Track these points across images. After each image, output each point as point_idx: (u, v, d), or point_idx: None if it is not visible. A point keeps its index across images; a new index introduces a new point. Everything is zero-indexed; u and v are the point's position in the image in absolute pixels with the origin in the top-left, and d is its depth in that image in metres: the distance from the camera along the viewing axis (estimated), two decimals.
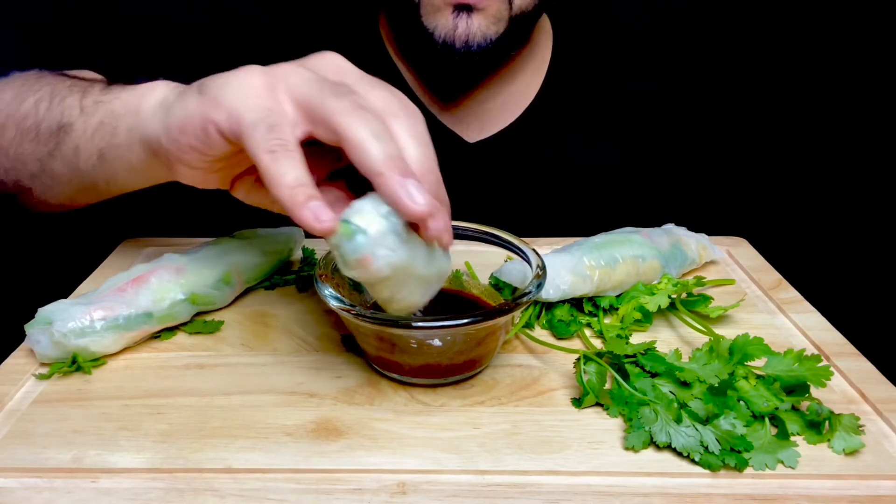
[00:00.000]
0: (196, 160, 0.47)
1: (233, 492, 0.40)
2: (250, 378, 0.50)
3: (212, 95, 0.44)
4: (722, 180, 0.94)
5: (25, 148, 0.61)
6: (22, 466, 0.41)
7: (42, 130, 0.60)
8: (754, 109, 1.04)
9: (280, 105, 0.43)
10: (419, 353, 0.47)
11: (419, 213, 0.40)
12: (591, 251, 0.57)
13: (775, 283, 0.62)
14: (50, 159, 0.60)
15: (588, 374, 0.47)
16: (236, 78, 0.44)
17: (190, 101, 0.46)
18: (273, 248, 0.63)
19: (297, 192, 0.40)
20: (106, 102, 0.56)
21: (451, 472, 0.41)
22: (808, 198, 1.05)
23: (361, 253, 0.40)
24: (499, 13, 0.72)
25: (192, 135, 0.45)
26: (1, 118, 0.63)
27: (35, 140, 0.60)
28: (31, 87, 0.64)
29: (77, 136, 0.57)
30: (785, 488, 0.40)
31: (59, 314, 0.50)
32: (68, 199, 0.65)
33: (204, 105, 0.44)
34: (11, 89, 0.65)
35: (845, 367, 0.50)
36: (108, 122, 0.55)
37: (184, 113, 0.46)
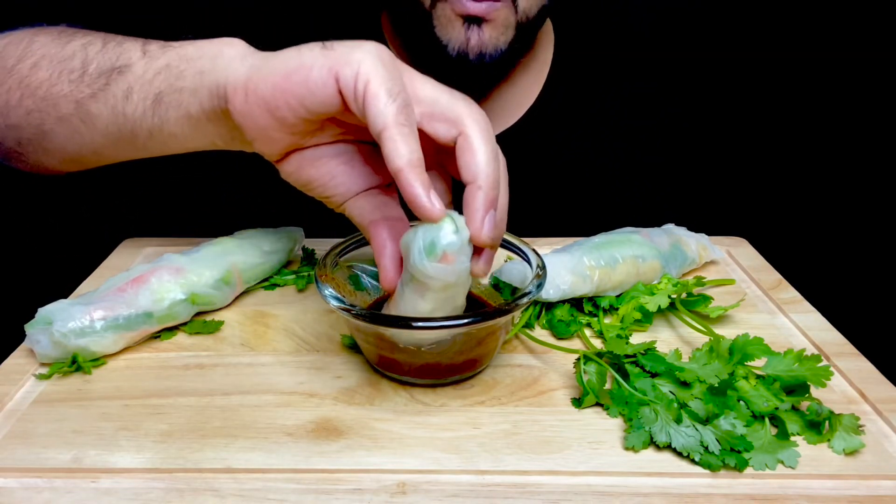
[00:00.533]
0: (282, 112, 0.46)
1: (233, 492, 0.40)
2: (250, 378, 0.50)
3: (342, 52, 0.44)
4: (722, 180, 0.94)
5: (61, 88, 0.60)
6: (22, 466, 0.41)
7: (90, 71, 0.58)
8: (754, 110, 1.04)
9: (406, 89, 0.44)
10: (419, 353, 0.47)
11: (490, 241, 0.43)
12: (591, 251, 0.57)
13: (775, 283, 0.62)
14: (91, 101, 0.58)
15: (588, 374, 0.47)
16: (368, 46, 0.45)
17: (309, 53, 0.45)
18: (273, 248, 0.63)
19: (419, 170, 0.42)
20: (176, 47, 0.55)
21: (451, 472, 0.41)
22: (808, 198, 1.05)
23: (450, 250, 0.42)
24: (507, 21, 0.72)
25: (303, 83, 0.44)
26: (35, 57, 0.62)
27: (78, 80, 0.59)
28: (74, 33, 0.63)
29: (133, 77, 0.56)
30: (785, 488, 0.40)
31: (59, 314, 0.50)
32: (91, 152, 0.63)
33: (331, 58, 0.44)
34: (47, 35, 0.64)
35: (845, 367, 0.50)
36: (176, 64, 0.54)
37: (299, 61, 0.45)
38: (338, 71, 0.44)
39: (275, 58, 0.47)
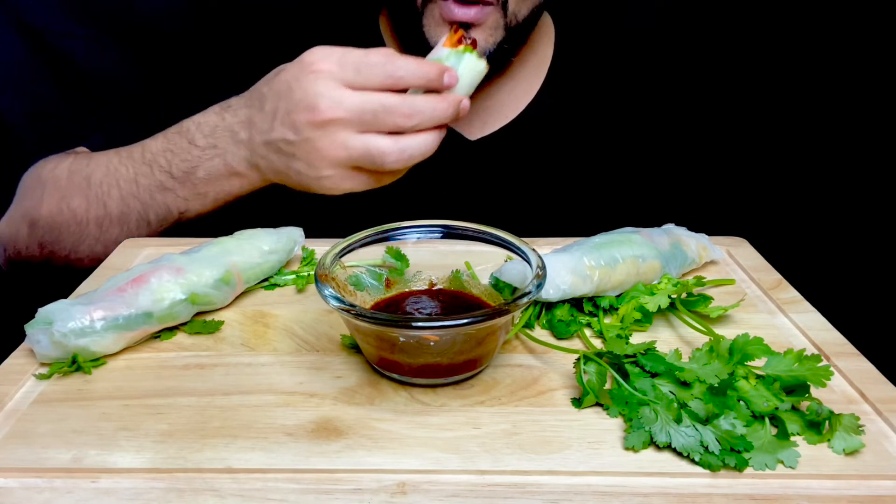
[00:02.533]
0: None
1: (233, 492, 0.40)
2: (250, 378, 0.50)
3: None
4: (722, 180, 0.94)
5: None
6: (22, 466, 0.41)
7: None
8: (754, 110, 1.04)
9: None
10: (419, 353, 0.47)
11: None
12: (591, 251, 0.57)
13: (775, 283, 0.62)
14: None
15: (588, 374, 0.47)
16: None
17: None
18: (273, 248, 0.63)
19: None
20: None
21: (451, 472, 0.41)
22: (808, 198, 1.05)
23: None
24: (495, 24, 0.73)
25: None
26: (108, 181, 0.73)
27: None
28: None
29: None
30: (785, 488, 0.40)
31: (59, 314, 0.50)
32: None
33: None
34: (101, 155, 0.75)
35: (845, 367, 0.50)
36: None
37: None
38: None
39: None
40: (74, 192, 0.74)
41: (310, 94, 0.60)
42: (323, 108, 0.59)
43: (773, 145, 1.05)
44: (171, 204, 0.72)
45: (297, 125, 0.61)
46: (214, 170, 0.69)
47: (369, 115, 0.59)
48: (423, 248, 0.56)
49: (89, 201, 0.73)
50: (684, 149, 0.89)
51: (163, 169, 0.70)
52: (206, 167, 0.69)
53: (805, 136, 1.04)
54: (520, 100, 0.85)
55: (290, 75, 0.62)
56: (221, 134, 0.68)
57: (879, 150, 1.02)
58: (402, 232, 0.56)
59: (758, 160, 1.03)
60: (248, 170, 0.68)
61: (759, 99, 1.04)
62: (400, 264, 0.56)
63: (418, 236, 0.56)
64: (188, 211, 0.72)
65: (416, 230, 0.56)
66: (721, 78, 1.01)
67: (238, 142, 0.67)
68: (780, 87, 1.04)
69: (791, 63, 1.03)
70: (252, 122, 0.66)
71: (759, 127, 1.03)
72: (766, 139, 1.04)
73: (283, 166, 0.64)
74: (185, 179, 0.70)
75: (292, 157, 0.63)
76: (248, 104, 0.67)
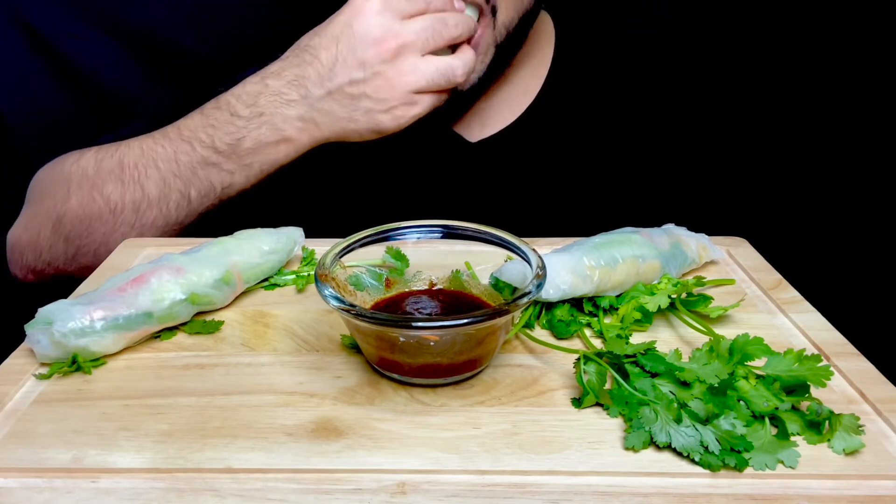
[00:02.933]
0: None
1: (233, 492, 0.40)
2: (250, 378, 0.50)
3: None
4: (722, 180, 0.94)
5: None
6: (22, 466, 0.41)
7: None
8: (754, 110, 1.04)
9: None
10: (419, 353, 0.47)
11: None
12: (591, 251, 0.57)
13: (775, 283, 0.62)
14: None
15: (588, 374, 0.47)
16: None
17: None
18: (273, 248, 0.63)
19: None
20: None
21: (451, 472, 0.41)
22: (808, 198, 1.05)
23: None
24: (486, 46, 0.74)
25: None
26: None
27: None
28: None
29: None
30: (785, 488, 0.40)
31: (59, 314, 0.50)
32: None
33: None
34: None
35: (845, 367, 0.50)
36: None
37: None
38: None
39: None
40: (106, 178, 0.72)
41: (372, 28, 0.63)
42: (389, 38, 0.63)
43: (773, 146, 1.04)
44: (214, 179, 0.71)
45: (364, 61, 0.64)
46: (262, 137, 0.69)
47: (430, 33, 0.64)
48: (423, 248, 0.56)
49: (125, 185, 0.72)
50: (684, 149, 0.89)
51: (205, 144, 0.70)
52: (252, 136, 0.69)
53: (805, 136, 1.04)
54: (519, 102, 0.85)
55: (344, 19, 0.65)
56: (267, 100, 0.68)
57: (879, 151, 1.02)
58: (402, 232, 0.56)
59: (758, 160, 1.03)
60: (299, 132, 0.68)
61: (758, 99, 1.04)
62: (400, 264, 0.56)
63: (418, 236, 0.56)
64: (232, 185, 0.72)
65: (416, 230, 0.56)
66: (720, 78, 1.01)
67: (288, 102, 0.67)
68: (779, 86, 1.03)
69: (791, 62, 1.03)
70: (304, 78, 0.67)
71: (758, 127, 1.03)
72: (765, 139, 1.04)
73: (346, 113, 0.66)
74: (231, 152, 0.69)
75: (360, 97, 0.65)
76: (293, 63, 0.68)
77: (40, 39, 1.00)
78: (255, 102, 0.68)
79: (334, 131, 0.68)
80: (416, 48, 0.64)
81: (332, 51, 0.65)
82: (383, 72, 0.64)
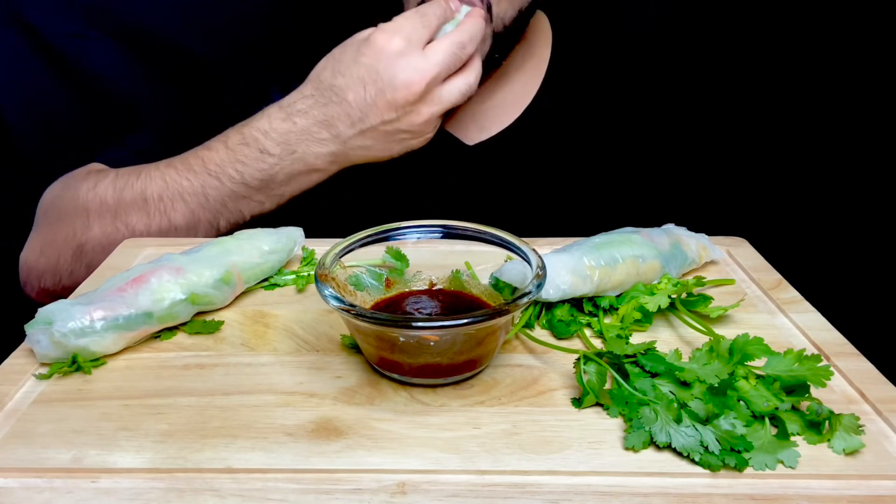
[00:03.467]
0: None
1: (233, 492, 0.40)
2: (250, 378, 0.50)
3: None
4: (722, 180, 0.94)
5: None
6: (22, 466, 0.41)
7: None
8: (754, 110, 1.04)
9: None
10: (419, 353, 0.47)
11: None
12: (591, 251, 0.57)
13: (775, 283, 0.62)
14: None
15: (588, 374, 0.47)
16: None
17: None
18: (273, 248, 0.63)
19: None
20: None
21: (451, 472, 0.41)
22: (808, 198, 1.05)
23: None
24: (485, 35, 0.73)
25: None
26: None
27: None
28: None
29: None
30: (785, 488, 0.40)
31: (59, 314, 0.50)
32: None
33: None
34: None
35: (845, 367, 0.50)
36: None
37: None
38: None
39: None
40: (129, 209, 0.73)
41: (399, 71, 0.65)
42: (418, 80, 0.65)
43: (773, 145, 1.04)
44: (244, 209, 0.73)
45: (395, 104, 0.66)
46: (294, 171, 0.71)
47: (452, 61, 0.67)
48: (423, 248, 0.56)
49: (150, 217, 0.73)
50: (684, 149, 0.89)
51: (235, 180, 0.71)
52: (285, 171, 0.71)
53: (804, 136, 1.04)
54: (517, 104, 0.85)
55: (369, 62, 0.66)
56: (297, 139, 0.69)
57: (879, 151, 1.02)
58: (402, 232, 0.56)
59: (758, 160, 1.03)
60: (330, 164, 0.71)
61: (758, 99, 1.04)
62: (400, 264, 0.56)
63: (418, 236, 0.56)
64: (263, 212, 0.74)
65: (416, 230, 0.56)
66: (720, 78, 1.01)
67: (320, 141, 0.69)
68: (779, 86, 1.03)
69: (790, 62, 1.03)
70: (334, 118, 0.68)
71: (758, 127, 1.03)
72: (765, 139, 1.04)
73: (381, 146, 0.69)
74: (263, 186, 0.71)
75: (394, 133, 0.68)
76: (319, 102, 0.69)
77: (40, 39, 1.00)
78: (286, 140, 0.70)
79: (367, 159, 0.71)
80: (441, 79, 0.67)
81: (360, 94, 0.67)
82: (415, 110, 0.67)
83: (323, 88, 0.69)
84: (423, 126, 0.68)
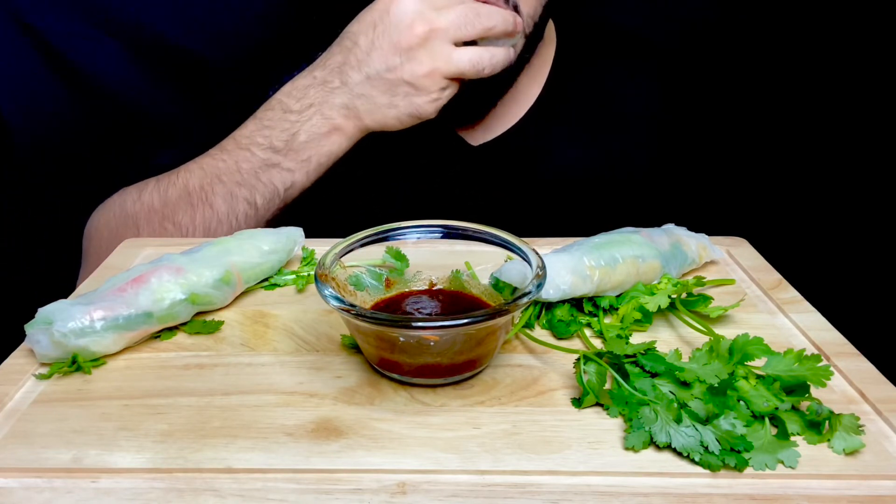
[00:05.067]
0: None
1: (233, 492, 0.40)
2: (250, 378, 0.50)
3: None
4: (722, 180, 0.94)
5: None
6: (22, 466, 0.41)
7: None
8: (754, 110, 1.04)
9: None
10: (419, 353, 0.47)
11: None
12: (591, 251, 0.57)
13: (775, 283, 0.62)
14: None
15: (588, 374, 0.47)
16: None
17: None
18: (273, 248, 0.63)
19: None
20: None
21: (451, 472, 0.41)
22: (808, 198, 1.05)
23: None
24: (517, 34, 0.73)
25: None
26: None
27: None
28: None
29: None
30: (785, 488, 0.40)
31: (59, 314, 0.50)
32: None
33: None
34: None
35: (845, 367, 0.50)
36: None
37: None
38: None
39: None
40: (176, 207, 0.74)
41: (407, 13, 0.65)
42: (421, 22, 0.65)
43: (773, 145, 1.05)
44: (276, 180, 0.73)
45: (398, 45, 0.65)
46: (315, 128, 0.71)
47: (462, 21, 0.65)
48: (423, 248, 0.56)
49: (194, 208, 0.73)
50: (684, 149, 0.89)
51: (263, 146, 0.71)
52: (306, 129, 0.70)
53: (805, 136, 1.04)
54: (521, 105, 0.85)
55: (382, 6, 0.66)
56: (315, 91, 0.70)
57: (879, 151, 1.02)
58: (402, 232, 0.56)
59: (758, 160, 1.03)
60: (345, 119, 0.70)
61: (758, 99, 1.04)
62: (400, 264, 0.56)
63: (418, 236, 0.56)
64: (294, 185, 0.73)
65: (416, 230, 0.56)
66: (720, 78, 1.01)
67: (332, 90, 0.69)
68: (779, 86, 1.04)
69: (790, 62, 1.03)
70: (345, 64, 0.68)
71: (758, 127, 1.04)
72: (765, 139, 1.04)
73: (386, 99, 0.68)
74: (288, 148, 0.71)
75: (398, 83, 0.67)
76: (337, 51, 0.70)
77: (41, 39, 1.00)
78: (305, 95, 0.70)
79: (376, 119, 0.70)
80: (447, 35, 0.66)
81: (370, 36, 0.67)
82: (417, 56, 0.66)
83: (343, 37, 0.70)
84: (425, 79, 0.67)
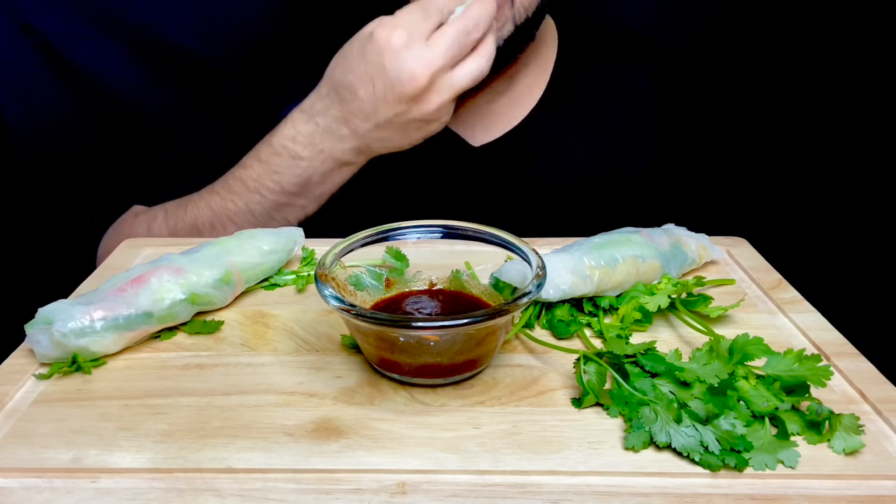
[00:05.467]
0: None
1: (233, 492, 0.40)
2: (250, 378, 0.50)
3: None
4: (722, 180, 0.94)
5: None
6: (22, 466, 0.41)
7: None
8: (754, 110, 1.04)
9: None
10: (419, 353, 0.47)
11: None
12: (591, 251, 0.57)
13: (775, 283, 0.62)
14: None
15: (588, 374, 0.47)
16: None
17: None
18: (273, 248, 0.63)
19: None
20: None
21: (451, 472, 0.41)
22: (808, 198, 1.05)
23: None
24: (504, 17, 0.73)
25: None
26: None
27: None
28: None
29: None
30: (785, 488, 0.40)
31: (59, 314, 0.50)
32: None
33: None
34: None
35: (845, 367, 0.50)
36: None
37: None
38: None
39: None
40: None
41: (404, 65, 0.65)
42: (422, 71, 0.65)
43: (774, 145, 1.05)
44: (290, 216, 0.75)
45: (404, 96, 0.66)
46: (327, 169, 0.72)
47: (457, 49, 0.66)
48: (423, 248, 0.56)
49: None
50: (684, 149, 0.89)
51: (274, 191, 0.73)
52: (318, 171, 0.72)
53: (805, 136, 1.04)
54: (522, 106, 0.85)
55: (374, 59, 0.67)
56: (322, 138, 0.71)
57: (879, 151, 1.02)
58: (402, 232, 0.56)
59: (758, 160, 1.03)
60: (356, 155, 0.72)
61: (759, 99, 1.04)
62: (400, 264, 0.56)
63: (418, 236, 0.56)
64: (307, 215, 0.76)
65: (416, 230, 0.56)
66: (721, 79, 1.01)
67: (341, 137, 0.70)
68: (779, 87, 1.03)
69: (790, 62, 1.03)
70: (350, 114, 0.69)
71: (758, 126, 1.03)
72: (765, 139, 1.04)
73: (399, 136, 0.70)
74: (302, 190, 0.73)
75: (408, 122, 0.68)
76: (334, 101, 0.70)
77: (41, 39, 1.00)
78: (312, 142, 0.71)
79: (388, 148, 0.72)
80: (447, 68, 0.67)
81: (370, 90, 0.67)
82: (425, 99, 0.67)
83: (336, 86, 0.70)
84: (435, 113, 0.68)
